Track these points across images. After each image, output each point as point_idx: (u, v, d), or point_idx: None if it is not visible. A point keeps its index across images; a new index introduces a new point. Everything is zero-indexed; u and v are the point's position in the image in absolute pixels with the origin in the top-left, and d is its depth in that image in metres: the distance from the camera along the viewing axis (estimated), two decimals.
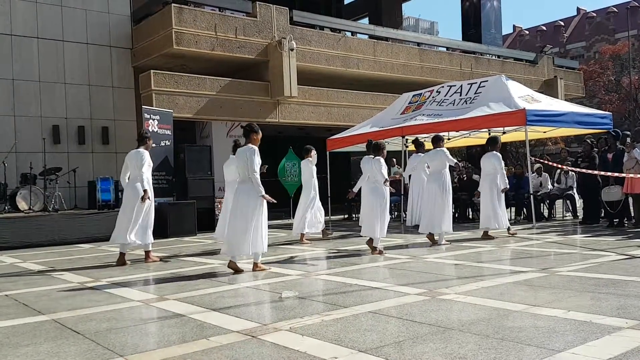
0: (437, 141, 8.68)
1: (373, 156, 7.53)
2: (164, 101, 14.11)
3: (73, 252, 9.24)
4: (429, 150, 9.70)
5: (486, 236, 8.63)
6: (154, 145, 12.15)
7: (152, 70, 14.24)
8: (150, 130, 12.02)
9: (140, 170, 7.19)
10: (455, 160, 8.76)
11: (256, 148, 6.14)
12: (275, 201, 6.24)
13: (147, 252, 7.47)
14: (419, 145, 11.14)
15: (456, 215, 12.02)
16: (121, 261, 7.23)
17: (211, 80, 15.12)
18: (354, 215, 15.15)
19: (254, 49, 15.65)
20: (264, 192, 6.05)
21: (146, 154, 7.32)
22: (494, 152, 8.74)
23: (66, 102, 14.59)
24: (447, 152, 8.43)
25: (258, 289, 5.21)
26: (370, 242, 7.40)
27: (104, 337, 3.61)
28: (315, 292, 4.91)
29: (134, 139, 15.01)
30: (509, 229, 8.91)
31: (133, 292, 5.24)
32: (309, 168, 9.47)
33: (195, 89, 14.81)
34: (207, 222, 12.05)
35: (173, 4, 14.23)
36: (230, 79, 15.55)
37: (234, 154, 7.63)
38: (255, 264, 6.22)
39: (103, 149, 14.98)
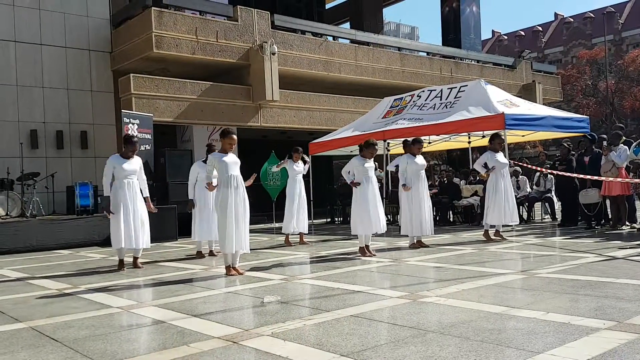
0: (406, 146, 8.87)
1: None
2: (144, 105, 14.00)
3: (51, 258, 9.10)
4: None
5: (494, 236, 8.63)
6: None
7: (131, 74, 14.11)
8: (130, 135, 11.91)
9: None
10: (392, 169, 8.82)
11: (212, 157, 6.36)
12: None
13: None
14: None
15: (437, 219, 12.09)
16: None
17: (192, 84, 15.04)
18: (336, 219, 15.18)
19: (235, 52, 15.61)
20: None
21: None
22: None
23: (44, 106, 14.39)
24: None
25: (239, 294, 5.18)
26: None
27: (82, 345, 3.56)
28: (297, 296, 4.90)
29: (114, 144, 14.99)
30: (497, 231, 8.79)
31: (113, 298, 5.17)
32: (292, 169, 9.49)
33: (176, 93, 14.71)
34: (188, 227, 11.93)
35: (153, 8, 14.14)
36: (211, 82, 15.49)
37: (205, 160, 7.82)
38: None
39: (82, 153, 14.79)
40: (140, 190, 7.15)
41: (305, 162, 9.57)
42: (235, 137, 6.29)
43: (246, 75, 16.00)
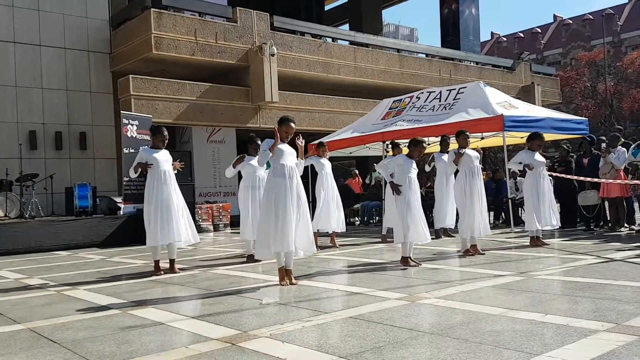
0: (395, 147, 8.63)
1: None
2: (143, 106, 14.00)
3: (50, 260, 9.09)
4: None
5: (535, 243, 7.93)
6: (132, 150, 12.10)
7: (130, 75, 14.12)
8: (129, 136, 11.92)
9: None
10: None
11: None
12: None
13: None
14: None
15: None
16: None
17: (191, 85, 15.05)
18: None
19: (234, 54, 15.62)
20: None
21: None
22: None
23: (43, 107, 14.39)
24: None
25: (238, 295, 5.18)
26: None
27: (81, 346, 3.56)
28: (296, 298, 4.89)
29: (113, 145, 14.98)
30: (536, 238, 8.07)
31: (111, 299, 5.17)
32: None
33: (175, 94, 14.71)
34: None
35: (152, 9, 14.14)
36: (210, 84, 15.50)
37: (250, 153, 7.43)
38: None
39: (81, 154, 14.79)
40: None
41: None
42: (293, 125, 5.63)
43: (245, 76, 16.01)
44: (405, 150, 7.44)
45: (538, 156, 8.06)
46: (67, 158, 14.60)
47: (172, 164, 6.69)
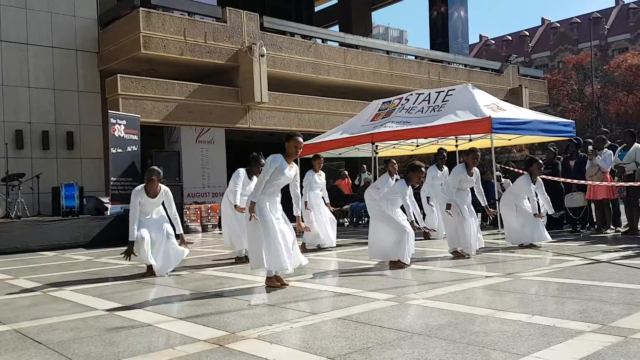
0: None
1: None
2: (131, 106, 13.91)
3: (36, 260, 9.00)
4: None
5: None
6: (120, 150, 12.02)
7: (118, 75, 14.03)
8: (117, 135, 11.84)
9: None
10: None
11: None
12: None
13: None
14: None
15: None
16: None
17: (180, 85, 14.98)
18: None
19: (223, 54, 15.57)
20: None
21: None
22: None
23: (30, 106, 14.25)
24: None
25: (226, 296, 5.16)
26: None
27: (67, 347, 3.53)
28: (284, 299, 4.89)
29: (100, 145, 14.87)
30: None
31: (98, 300, 5.13)
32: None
33: (164, 94, 14.64)
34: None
35: (141, 8, 14.06)
36: (199, 84, 15.44)
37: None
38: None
39: (68, 154, 14.66)
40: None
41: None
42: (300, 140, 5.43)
43: (235, 76, 15.97)
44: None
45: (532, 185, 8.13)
46: (54, 158, 14.47)
47: None
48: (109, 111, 12.61)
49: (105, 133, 13.48)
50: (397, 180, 7.33)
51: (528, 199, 8.24)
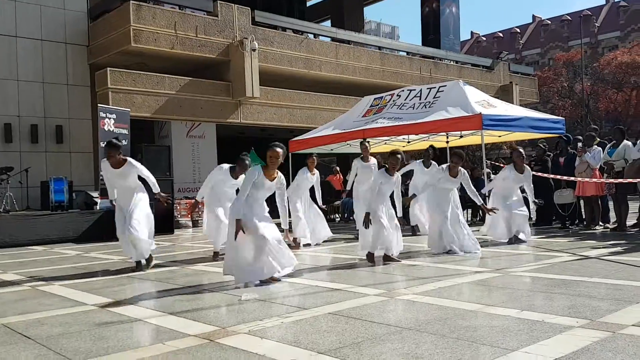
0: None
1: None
2: (121, 100, 13.82)
3: (25, 255, 8.93)
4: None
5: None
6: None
7: (108, 68, 13.93)
8: (106, 130, 11.75)
9: None
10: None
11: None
12: None
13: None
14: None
15: None
16: None
17: (170, 79, 14.90)
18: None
19: (215, 48, 15.50)
20: None
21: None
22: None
23: (19, 99, 14.12)
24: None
25: (217, 292, 5.15)
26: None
27: (56, 342, 3.50)
28: (275, 294, 4.88)
29: (89, 139, 14.76)
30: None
31: (87, 295, 5.10)
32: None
33: (154, 88, 14.55)
34: (165, 224, 11.84)
35: (131, 1, 13.96)
36: (190, 78, 15.36)
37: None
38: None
39: (57, 148, 14.55)
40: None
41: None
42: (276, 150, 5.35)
43: (226, 71, 15.90)
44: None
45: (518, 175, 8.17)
46: (43, 151, 14.36)
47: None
48: (99, 105, 12.51)
49: (95, 127, 13.38)
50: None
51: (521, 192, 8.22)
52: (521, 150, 8.46)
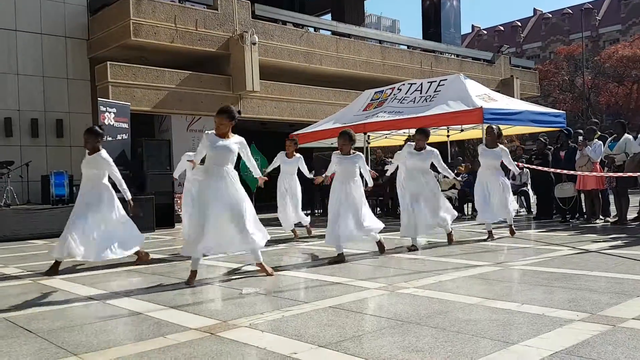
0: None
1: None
2: (121, 93, 13.80)
3: (26, 249, 8.95)
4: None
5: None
6: (110, 139, 11.90)
7: (108, 62, 13.90)
8: (107, 124, 11.74)
9: None
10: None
11: None
12: None
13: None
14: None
15: None
16: None
17: (170, 73, 14.87)
18: (316, 211, 15.18)
19: (215, 42, 15.46)
20: None
21: None
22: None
23: (19, 93, 14.10)
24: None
25: (218, 285, 5.16)
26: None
27: (57, 336, 3.51)
28: (275, 288, 4.89)
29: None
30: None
31: (89, 289, 5.11)
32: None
33: (154, 82, 14.53)
34: (166, 218, 11.86)
35: None
36: (190, 72, 15.33)
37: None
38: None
39: (57, 142, 14.55)
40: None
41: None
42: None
43: (226, 65, 15.86)
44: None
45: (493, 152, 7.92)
46: (43, 145, 14.35)
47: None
48: (99, 99, 12.50)
49: (95, 121, 13.36)
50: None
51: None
52: (493, 126, 8.15)
